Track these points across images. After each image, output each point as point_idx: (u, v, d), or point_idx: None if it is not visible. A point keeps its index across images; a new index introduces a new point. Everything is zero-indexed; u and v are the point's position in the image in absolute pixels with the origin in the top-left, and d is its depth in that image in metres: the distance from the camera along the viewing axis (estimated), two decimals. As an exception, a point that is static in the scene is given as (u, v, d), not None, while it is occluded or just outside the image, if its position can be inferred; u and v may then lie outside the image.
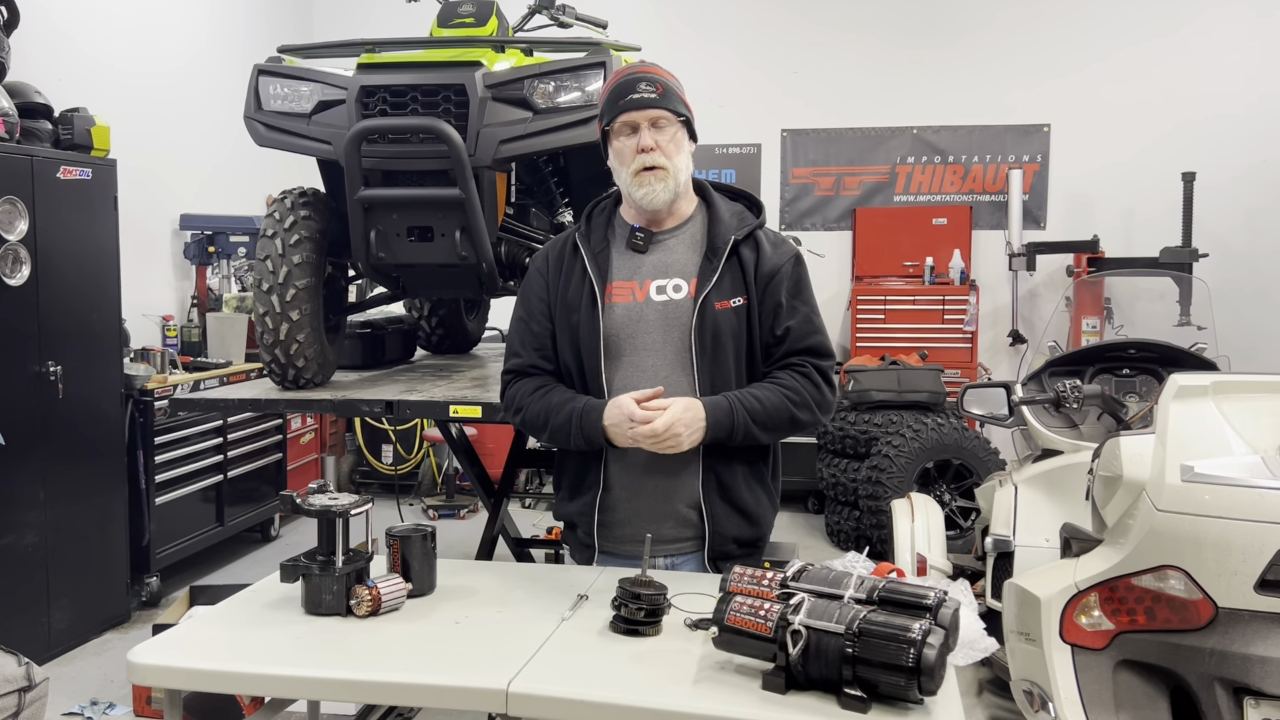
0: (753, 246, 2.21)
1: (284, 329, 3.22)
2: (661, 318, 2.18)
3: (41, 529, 4.15)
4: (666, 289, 2.19)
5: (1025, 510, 3.64)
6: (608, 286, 2.21)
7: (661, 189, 2.16)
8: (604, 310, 2.18)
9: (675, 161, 2.16)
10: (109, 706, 3.79)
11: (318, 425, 6.56)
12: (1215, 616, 2.24)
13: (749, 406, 2.10)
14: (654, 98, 2.13)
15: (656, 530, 2.19)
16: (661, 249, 2.23)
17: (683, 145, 2.19)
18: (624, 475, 2.20)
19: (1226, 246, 6.59)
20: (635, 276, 2.21)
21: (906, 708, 1.54)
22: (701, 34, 7.29)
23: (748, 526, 2.24)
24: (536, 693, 1.61)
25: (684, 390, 2.15)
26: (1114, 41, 6.85)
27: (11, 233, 3.98)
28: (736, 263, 2.19)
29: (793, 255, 2.25)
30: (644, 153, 2.13)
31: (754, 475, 2.24)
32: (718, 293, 2.15)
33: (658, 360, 2.17)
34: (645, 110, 2.14)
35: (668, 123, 2.16)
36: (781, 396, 2.14)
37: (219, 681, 1.77)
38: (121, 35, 5.58)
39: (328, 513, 1.96)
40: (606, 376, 2.18)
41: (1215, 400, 2.40)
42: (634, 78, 2.16)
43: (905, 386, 5.82)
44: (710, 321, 2.15)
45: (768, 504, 2.28)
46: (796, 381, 2.17)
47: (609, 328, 2.18)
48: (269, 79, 3.26)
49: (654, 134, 2.14)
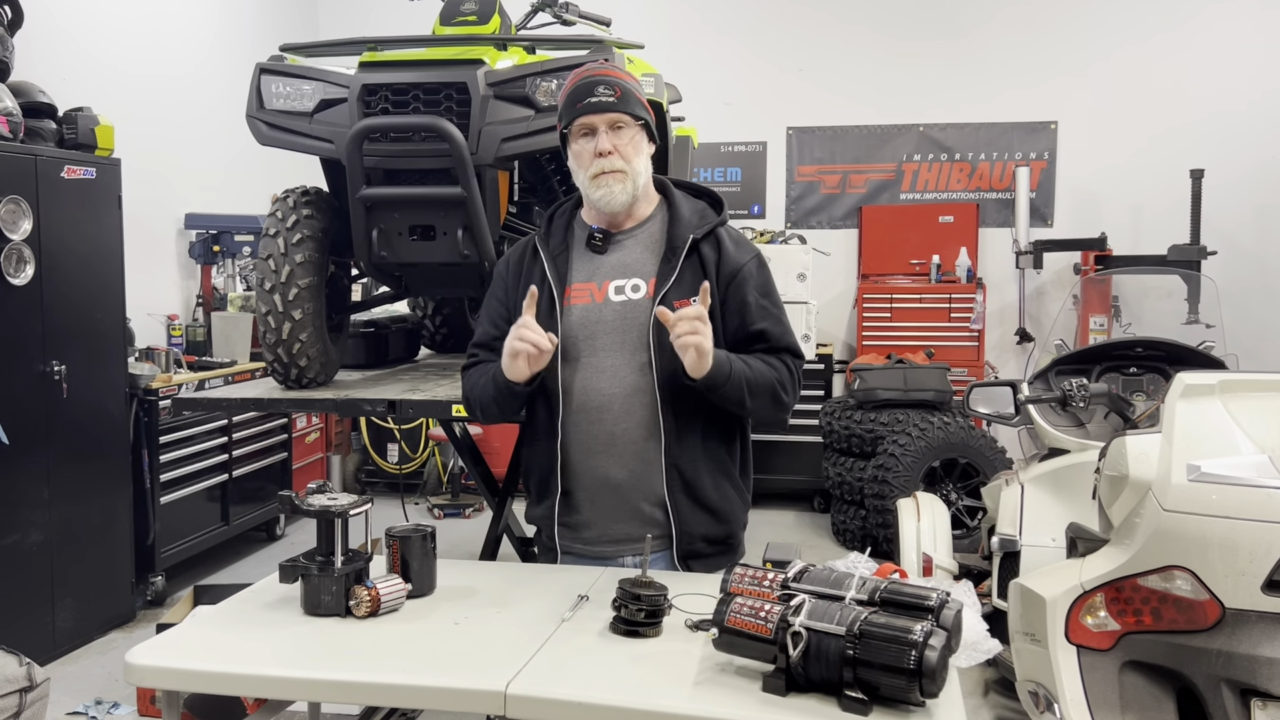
0: (714, 244, 2.20)
1: (287, 328, 3.21)
2: (620, 318, 2.17)
3: (46, 528, 4.16)
4: (625, 289, 2.18)
5: (1031, 510, 3.63)
6: (567, 289, 2.21)
7: (620, 190, 2.15)
8: (562, 313, 2.18)
9: (634, 164, 2.15)
10: (113, 706, 3.79)
11: (323, 424, 6.56)
12: (1222, 617, 2.22)
13: (740, 366, 2.09)
14: (612, 101, 2.12)
15: (623, 529, 2.19)
16: (620, 249, 2.22)
17: (641, 148, 2.18)
18: (586, 477, 2.19)
19: (1234, 244, 6.55)
20: (594, 278, 2.21)
21: (908, 710, 1.52)
22: (706, 31, 7.27)
23: (716, 524, 2.22)
24: (535, 694, 1.60)
25: (643, 389, 2.15)
26: (1121, 38, 6.81)
27: (15, 232, 3.98)
28: (697, 260, 2.18)
29: (755, 254, 2.24)
30: (601, 156, 2.13)
31: (720, 472, 2.22)
32: (677, 291, 2.14)
33: (617, 360, 2.16)
34: (603, 114, 2.13)
35: (626, 125, 2.14)
36: (769, 369, 2.15)
37: (217, 683, 1.76)
38: (125, 35, 5.58)
39: (326, 513, 1.95)
40: (565, 378, 2.17)
41: (1222, 399, 2.38)
42: (591, 80, 2.14)
43: (911, 385, 5.79)
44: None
45: (736, 500, 2.26)
46: (780, 366, 2.17)
47: (567, 330, 2.17)
48: (271, 78, 3.25)
49: (612, 137, 2.13)
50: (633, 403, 2.15)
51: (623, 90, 2.14)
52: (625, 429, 2.15)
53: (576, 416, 2.17)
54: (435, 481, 7.15)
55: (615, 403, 2.16)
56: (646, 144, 2.20)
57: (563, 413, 2.17)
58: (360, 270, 3.68)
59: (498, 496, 4.12)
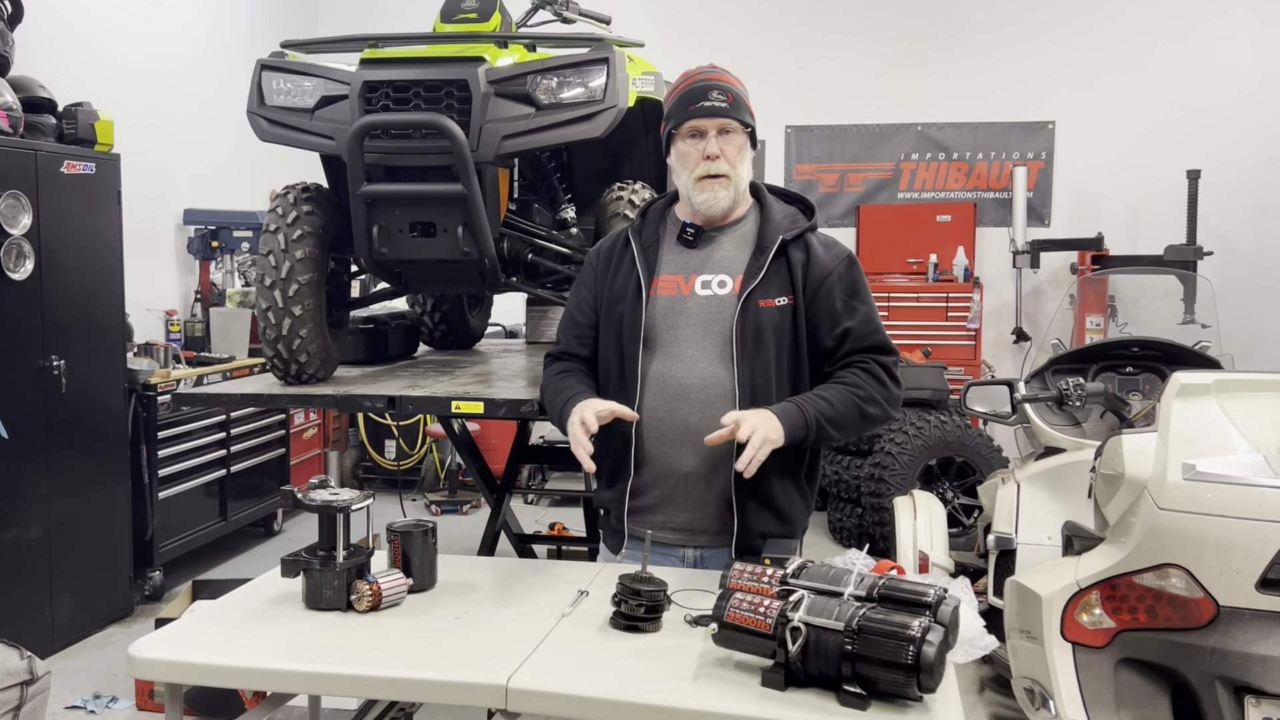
0: (803, 248, 2.23)
1: (286, 324, 3.22)
2: (704, 311, 2.20)
3: (45, 523, 4.16)
4: (711, 284, 2.22)
5: (1027, 508, 3.64)
6: (654, 279, 2.25)
7: (724, 196, 2.20)
8: (648, 302, 2.22)
9: (738, 170, 2.20)
10: (112, 700, 3.80)
11: (321, 420, 6.56)
12: (1216, 615, 2.23)
13: (819, 408, 2.11)
14: (724, 107, 2.16)
15: (688, 520, 2.22)
16: (711, 245, 2.27)
17: (746, 154, 2.23)
18: (658, 463, 2.22)
19: (1231, 244, 6.57)
20: (682, 271, 2.25)
21: (905, 705, 1.54)
22: (705, 29, 7.27)
23: (778, 524, 2.23)
24: (536, 688, 1.61)
25: (722, 382, 2.17)
26: (1119, 38, 6.83)
27: (15, 227, 3.98)
28: (785, 263, 2.21)
29: (845, 257, 2.26)
30: (709, 160, 2.17)
31: (788, 473, 2.23)
32: (763, 290, 2.18)
33: (697, 352, 2.20)
34: (715, 119, 2.16)
35: (735, 131, 2.18)
36: (848, 395, 2.15)
37: (219, 676, 1.77)
38: (125, 30, 5.58)
39: (329, 508, 1.96)
40: (644, 366, 2.21)
41: (1218, 399, 2.40)
42: (706, 85, 2.18)
43: (908, 384, 5.77)
44: (752, 318, 2.17)
45: (800, 503, 2.27)
46: (860, 378, 2.18)
47: (650, 319, 2.21)
48: (272, 74, 3.25)
49: (720, 142, 2.17)
50: (709, 394, 2.17)
51: (735, 97, 2.18)
52: (700, 419, 2.15)
53: (653, 404, 2.20)
54: (433, 478, 7.16)
55: (692, 393, 2.18)
56: (750, 149, 2.24)
57: (639, 399, 2.20)
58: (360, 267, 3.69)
59: (496, 493, 4.13)
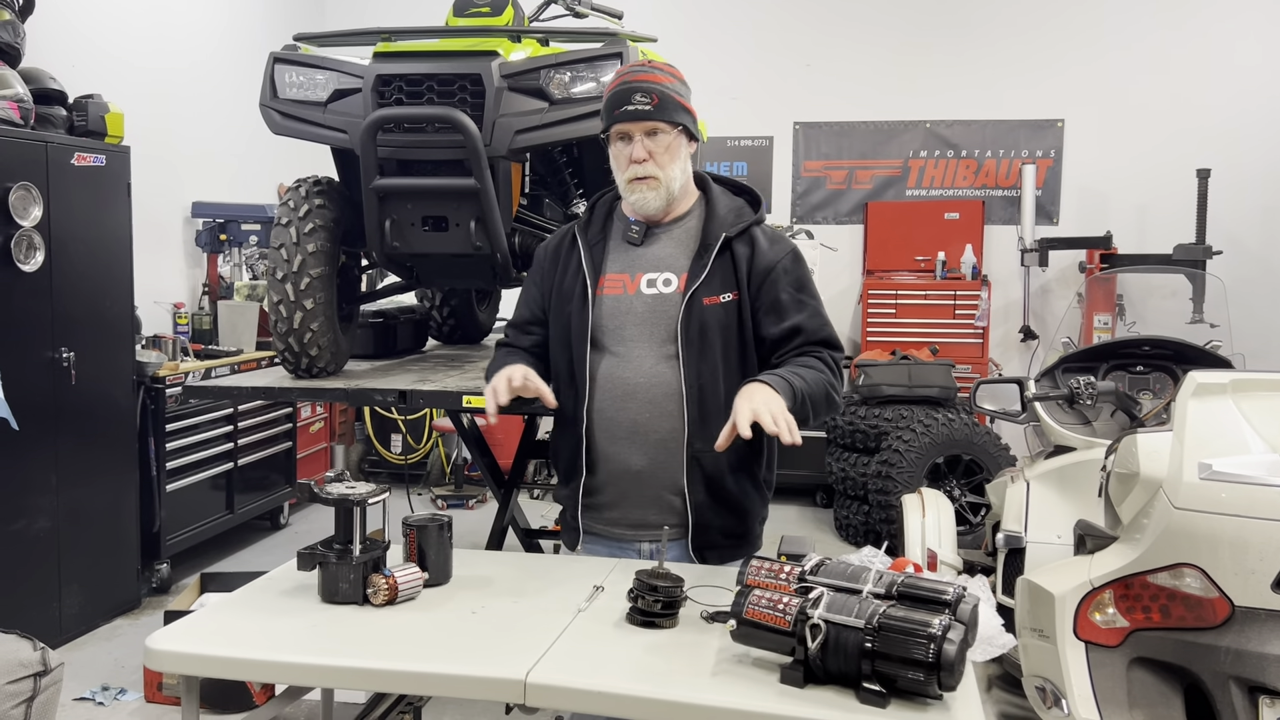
0: (747, 242, 2.22)
1: (298, 317, 3.22)
2: (650, 310, 2.20)
3: (53, 514, 4.17)
4: (657, 282, 2.21)
5: (1037, 506, 3.64)
6: (600, 279, 2.24)
7: (653, 197, 2.18)
8: (594, 302, 2.21)
9: (668, 171, 2.17)
10: (120, 692, 3.80)
11: (327, 414, 6.56)
12: (1231, 615, 2.23)
13: (798, 385, 2.05)
14: (648, 110, 2.12)
15: (641, 517, 2.22)
16: (656, 243, 2.25)
17: (678, 153, 2.18)
18: (609, 462, 2.22)
19: (1240, 244, 6.56)
20: (628, 270, 2.24)
21: (925, 703, 1.53)
22: (715, 26, 7.26)
23: (734, 519, 2.24)
24: (555, 683, 1.61)
25: (669, 381, 2.17)
26: (1129, 36, 6.81)
27: (26, 219, 3.98)
28: (729, 258, 2.20)
29: (789, 251, 2.24)
30: (636, 163, 2.15)
31: (742, 467, 2.22)
32: (707, 288, 2.17)
33: (644, 352, 2.19)
34: (639, 122, 2.13)
35: (663, 132, 2.14)
36: (820, 377, 2.12)
37: (236, 669, 1.77)
38: (134, 22, 5.58)
39: (345, 501, 1.96)
40: (593, 366, 2.21)
41: (1234, 398, 2.39)
42: (630, 87, 2.14)
43: (916, 381, 5.80)
44: (697, 316, 2.16)
45: (756, 497, 2.28)
46: (824, 365, 2.17)
47: (597, 319, 2.21)
48: (285, 67, 3.26)
49: (648, 143, 2.14)
50: (656, 394, 2.18)
51: (660, 97, 2.13)
52: (649, 418, 2.17)
53: (601, 403, 2.21)
54: (439, 472, 7.16)
55: (640, 392, 2.18)
56: (685, 146, 2.21)
57: (588, 399, 2.21)
58: (371, 260, 3.68)
59: (503, 488, 4.13)
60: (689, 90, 2.23)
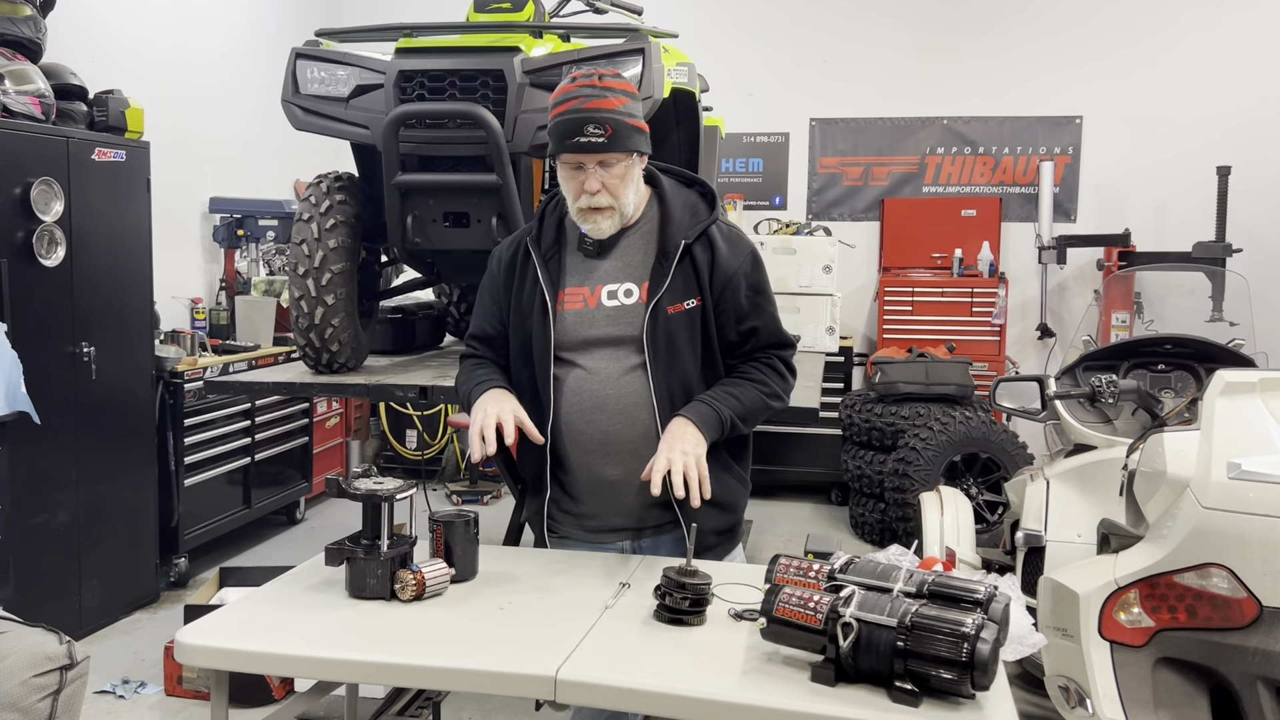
0: (706, 245, 2.16)
1: (319, 313, 3.23)
2: (613, 322, 2.16)
3: (73, 508, 4.19)
4: (618, 294, 2.16)
5: (1057, 505, 3.62)
6: (560, 293, 2.18)
7: (608, 226, 2.13)
8: (555, 318, 2.16)
9: (621, 198, 2.10)
10: (140, 685, 3.82)
11: (343, 409, 6.58)
12: (1259, 615, 2.21)
13: (732, 408, 2.13)
14: (602, 142, 2.02)
15: (622, 523, 2.22)
16: (613, 252, 2.19)
17: (631, 177, 2.11)
18: (583, 473, 2.19)
19: (1260, 242, 6.51)
20: (587, 282, 2.18)
21: (958, 703, 1.53)
22: (732, 21, 7.25)
23: (722, 516, 2.22)
24: (585, 680, 1.61)
25: (638, 392, 2.14)
26: (1147, 32, 6.76)
27: (48, 214, 3.99)
28: (690, 264, 2.15)
29: (748, 254, 2.21)
30: (590, 194, 2.08)
31: (720, 465, 2.19)
32: (670, 296, 2.13)
33: (610, 364, 2.16)
34: (593, 154, 2.04)
35: (617, 160, 2.07)
36: (756, 392, 2.19)
37: (266, 664, 1.78)
38: (154, 19, 5.59)
39: (373, 497, 1.96)
40: (557, 380, 2.17)
41: (1263, 397, 2.38)
42: (581, 117, 2.02)
43: (933, 379, 5.78)
44: (663, 326, 2.12)
45: (738, 488, 2.28)
46: (766, 374, 2.21)
47: (560, 335, 2.17)
48: (306, 63, 3.26)
49: (602, 174, 2.06)
50: (627, 404, 2.14)
51: (614, 127, 2.03)
52: (620, 430, 2.13)
53: (570, 417, 2.17)
54: (453, 468, 7.17)
55: (609, 404, 2.15)
56: (638, 167, 2.14)
57: (553, 416, 2.17)
58: (391, 256, 3.69)
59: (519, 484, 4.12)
60: (641, 105, 2.16)
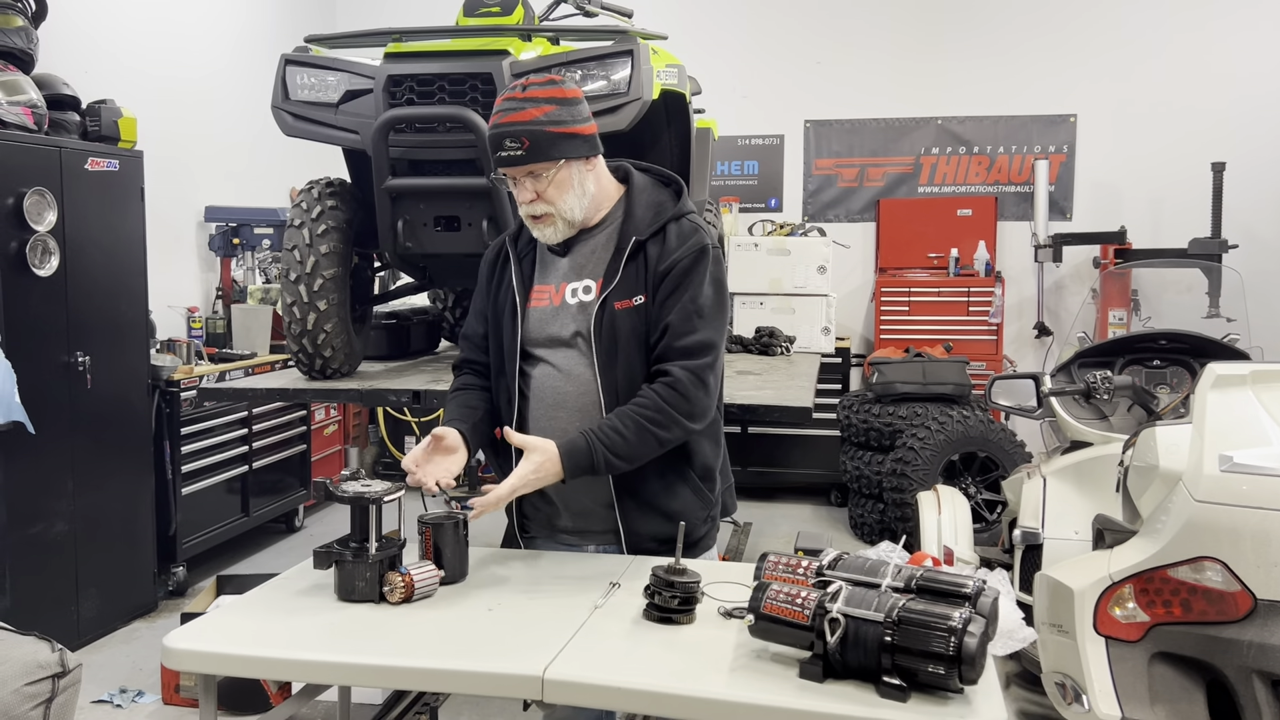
0: (659, 242, 2.16)
1: (311, 319, 3.23)
2: (573, 319, 2.18)
3: (70, 518, 4.18)
4: (579, 291, 2.19)
5: (1054, 502, 3.61)
6: (530, 292, 2.23)
7: (551, 232, 2.16)
8: (523, 316, 2.21)
9: (559, 204, 2.11)
10: (138, 694, 3.81)
11: (341, 417, 6.58)
12: (1254, 608, 2.21)
13: (608, 441, 2.04)
14: (519, 155, 2.05)
15: (573, 523, 2.23)
16: (578, 251, 2.22)
17: (567, 183, 2.10)
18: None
19: (1256, 237, 6.50)
20: (553, 280, 2.23)
21: (946, 697, 1.52)
22: (724, 24, 7.25)
23: (667, 524, 2.12)
24: (572, 679, 1.60)
25: (590, 389, 2.14)
26: (1141, 30, 6.77)
27: (41, 223, 4.00)
28: (642, 260, 2.15)
29: (694, 249, 2.14)
30: (525, 203, 2.12)
31: (672, 471, 2.17)
32: (619, 293, 2.13)
33: (570, 361, 2.18)
34: (515, 167, 2.08)
35: (542, 170, 2.07)
36: (641, 425, 2.06)
37: (254, 667, 1.77)
38: (146, 28, 5.60)
39: (361, 499, 1.96)
40: (525, 376, 2.21)
41: (1254, 390, 2.37)
42: (499, 132, 2.06)
43: (930, 378, 5.77)
44: (608, 322, 2.13)
45: (692, 499, 2.20)
46: (660, 399, 2.08)
47: (526, 332, 2.21)
48: (296, 69, 3.27)
49: (532, 184, 2.09)
50: (584, 402, 2.16)
51: (531, 138, 2.04)
52: (578, 426, 2.12)
53: (535, 413, 2.20)
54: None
55: (568, 400, 2.17)
56: (580, 169, 2.12)
57: (517, 413, 2.20)
58: (383, 262, 3.69)
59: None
60: (574, 108, 2.10)
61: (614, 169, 2.26)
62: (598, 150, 2.16)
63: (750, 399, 3.20)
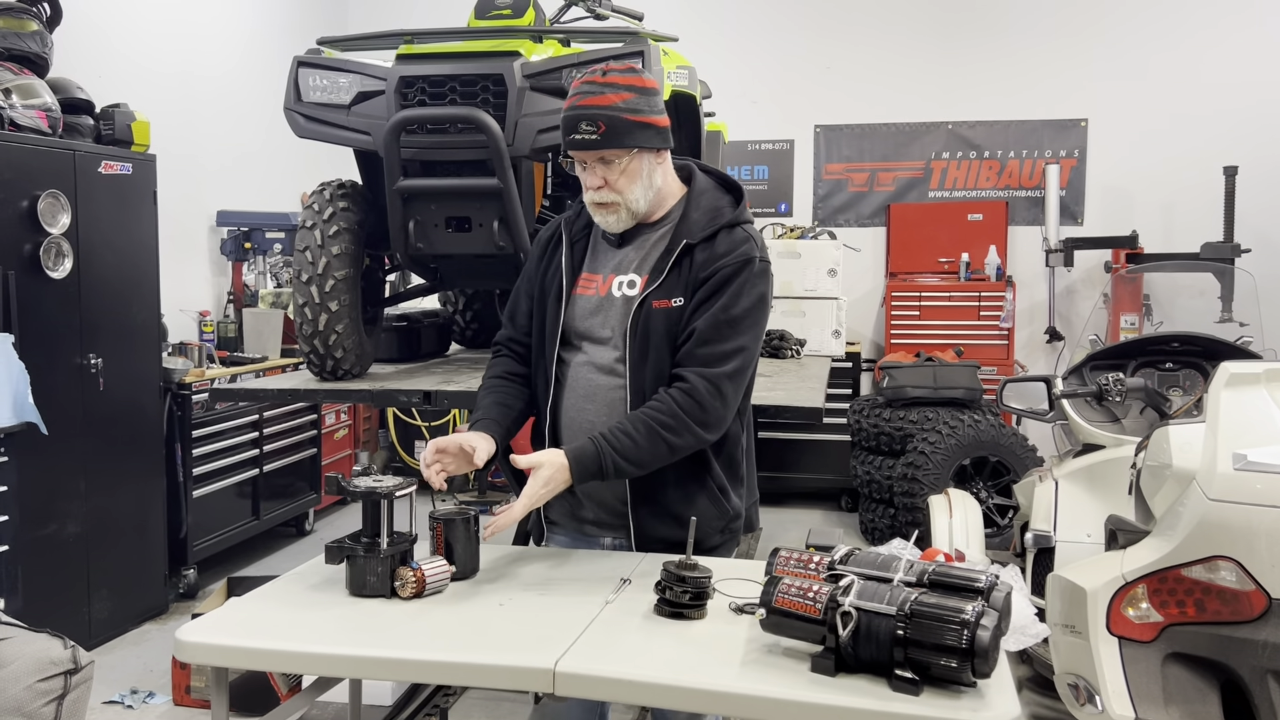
0: (708, 247, 2.13)
1: (323, 320, 3.24)
2: (616, 313, 2.17)
3: (82, 520, 4.20)
4: (624, 285, 2.18)
5: (1066, 505, 3.60)
6: (578, 278, 2.22)
7: (614, 221, 2.15)
8: (568, 301, 2.20)
9: (627, 194, 2.10)
10: (149, 695, 3.82)
11: (351, 420, 6.59)
12: (1269, 608, 2.20)
13: (617, 445, 2.02)
14: (594, 140, 2.04)
15: (594, 516, 2.23)
16: (634, 244, 2.21)
17: (637, 173, 2.09)
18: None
19: (1269, 241, 6.47)
20: (602, 270, 2.22)
21: (959, 690, 1.51)
22: (735, 28, 7.27)
23: (677, 529, 2.05)
24: (584, 672, 1.60)
25: (621, 386, 2.14)
26: (1152, 34, 6.76)
27: (54, 226, 4.02)
28: (689, 264, 2.14)
29: (741, 258, 2.11)
30: (592, 189, 2.11)
31: (690, 477, 2.16)
32: (660, 292, 2.12)
33: (605, 355, 2.18)
34: (588, 151, 2.07)
35: (615, 156, 2.07)
36: (653, 429, 2.03)
37: (265, 660, 1.77)
38: (160, 32, 5.64)
39: (373, 494, 1.96)
40: (560, 366, 2.21)
41: (1268, 388, 2.36)
42: (576, 114, 2.05)
43: (941, 383, 5.76)
44: (643, 320, 2.12)
45: (709, 508, 2.17)
46: (675, 404, 2.05)
47: (569, 319, 2.20)
48: (309, 70, 3.28)
49: (602, 170, 2.08)
50: (612, 396, 2.16)
51: (607, 123, 2.03)
52: (603, 420, 2.12)
53: (568, 402, 2.20)
54: (462, 478, 7.17)
55: (598, 394, 2.17)
56: (650, 161, 2.11)
57: (551, 400, 2.21)
58: (395, 264, 3.70)
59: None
60: (651, 99, 2.10)
61: (679, 166, 2.25)
62: (669, 144, 2.16)
63: (761, 399, 3.19)
